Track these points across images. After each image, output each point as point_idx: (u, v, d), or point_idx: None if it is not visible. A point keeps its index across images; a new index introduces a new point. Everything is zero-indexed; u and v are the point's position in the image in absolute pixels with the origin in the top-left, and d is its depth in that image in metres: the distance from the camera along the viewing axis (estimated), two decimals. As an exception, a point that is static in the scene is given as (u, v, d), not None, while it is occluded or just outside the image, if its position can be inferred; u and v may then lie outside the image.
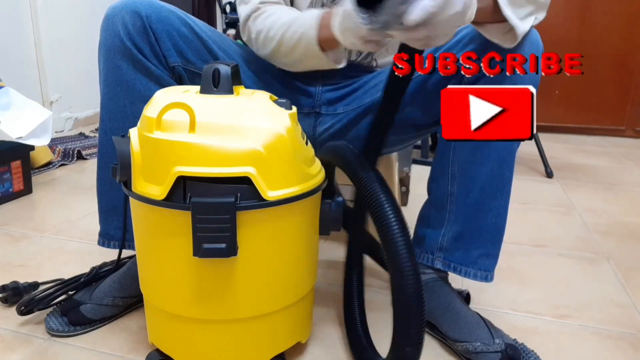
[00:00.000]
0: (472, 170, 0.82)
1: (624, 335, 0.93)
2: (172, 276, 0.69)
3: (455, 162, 0.84)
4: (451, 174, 0.85)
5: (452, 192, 0.86)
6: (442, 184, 0.87)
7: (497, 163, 0.81)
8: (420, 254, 0.91)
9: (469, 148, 0.82)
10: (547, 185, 1.92)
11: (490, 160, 0.81)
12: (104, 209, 0.91)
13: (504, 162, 0.81)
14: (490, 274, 0.87)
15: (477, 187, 0.82)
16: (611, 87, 2.88)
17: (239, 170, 0.62)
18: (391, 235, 0.60)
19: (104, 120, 0.86)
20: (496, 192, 0.83)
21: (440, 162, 0.87)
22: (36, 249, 1.22)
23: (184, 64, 0.86)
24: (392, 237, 0.60)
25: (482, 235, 0.85)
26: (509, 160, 0.82)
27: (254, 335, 0.72)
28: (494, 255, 0.87)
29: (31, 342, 0.85)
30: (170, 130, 0.64)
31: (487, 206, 0.83)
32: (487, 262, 0.86)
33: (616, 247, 1.34)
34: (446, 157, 0.85)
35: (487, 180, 0.82)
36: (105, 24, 0.82)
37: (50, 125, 1.58)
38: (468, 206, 0.84)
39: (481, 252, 0.86)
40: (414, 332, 0.61)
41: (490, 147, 0.80)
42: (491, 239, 0.86)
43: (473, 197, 0.83)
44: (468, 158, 0.83)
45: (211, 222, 0.62)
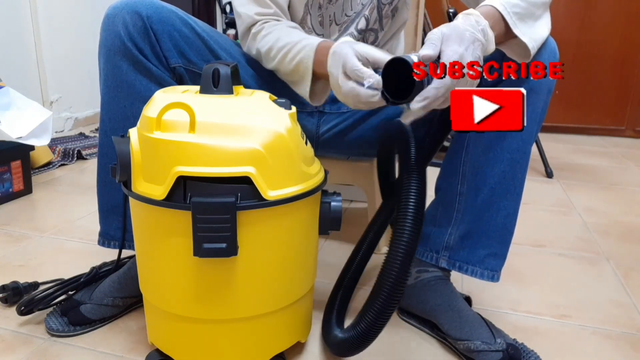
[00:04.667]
0: (484, 170, 0.82)
1: (624, 335, 0.93)
2: (172, 276, 0.69)
3: (467, 161, 0.84)
4: (462, 173, 0.85)
5: (461, 192, 0.86)
6: (452, 182, 0.87)
7: (509, 164, 0.81)
8: (424, 252, 0.91)
9: (482, 148, 0.82)
10: (547, 185, 1.92)
11: (502, 161, 0.81)
12: (104, 209, 0.91)
13: (516, 163, 0.81)
14: (497, 273, 0.87)
15: (487, 187, 0.82)
16: (611, 87, 2.88)
17: (239, 170, 0.62)
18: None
19: (104, 121, 0.86)
20: (507, 192, 0.83)
21: (452, 161, 0.87)
22: (36, 249, 1.22)
23: (185, 64, 0.86)
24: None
25: (490, 235, 0.85)
26: (522, 162, 0.82)
27: (254, 335, 0.72)
28: (502, 255, 0.86)
29: (31, 342, 0.85)
30: (170, 130, 0.64)
31: (496, 206, 0.83)
32: (494, 262, 0.86)
33: (616, 247, 1.34)
34: (458, 156, 0.85)
35: (498, 180, 0.82)
36: (105, 24, 0.81)
37: (50, 125, 1.59)
38: (477, 205, 0.84)
39: (488, 252, 0.86)
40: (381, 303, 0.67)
41: (503, 148, 0.80)
42: (499, 239, 0.85)
43: (483, 197, 0.83)
44: (480, 158, 0.83)
45: (211, 221, 0.62)
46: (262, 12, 0.91)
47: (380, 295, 0.67)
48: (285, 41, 0.85)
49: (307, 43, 0.82)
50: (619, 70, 2.86)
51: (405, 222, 0.67)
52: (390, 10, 0.97)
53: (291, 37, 0.85)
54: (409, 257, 0.67)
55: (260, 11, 0.91)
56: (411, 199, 0.68)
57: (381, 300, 0.67)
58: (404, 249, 0.67)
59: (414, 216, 0.67)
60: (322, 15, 0.96)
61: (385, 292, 0.67)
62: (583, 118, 2.95)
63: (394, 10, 0.98)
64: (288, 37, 0.85)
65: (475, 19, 0.67)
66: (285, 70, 0.86)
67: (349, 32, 0.96)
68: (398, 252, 0.67)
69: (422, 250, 0.91)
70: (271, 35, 0.88)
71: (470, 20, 0.67)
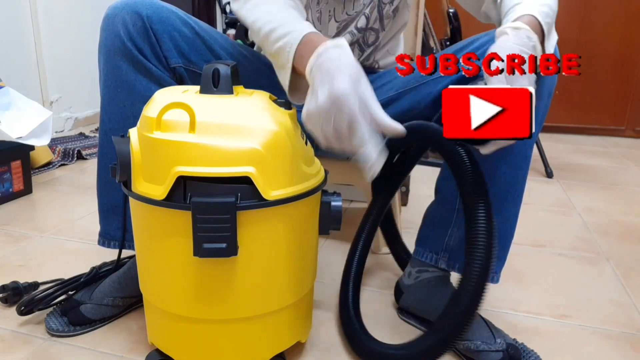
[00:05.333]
0: (486, 172, 0.82)
1: (623, 335, 0.93)
2: (172, 276, 0.69)
3: None
4: None
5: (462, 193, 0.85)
6: (453, 184, 0.86)
7: (511, 168, 0.80)
8: (423, 252, 0.91)
9: None
10: (547, 185, 1.92)
11: (504, 164, 0.80)
12: (104, 209, 0.91)
13: (518, 168, 0.81)
14: (496, 275, 0.86)
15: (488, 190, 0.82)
16: (611, 87, 2.88)
17: (239, 170, 0.62)
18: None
19: (104, 121, 0.86)
20: (507, 196, 0.82)
21: None
22: (36, 249, 1.22)
23: (186, 64, 0.85)
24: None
25: None
26: (524, 166, 0.81)
27: (254, 335, 0.72)
28: (501, 258, 0.86)
29: (31, 342, 0.85)
30: (170, 130, 0.64)
31: (496, 209, 0.82)
32: (494, 264, 0.86)
33: (616, 247, 1.34)
34: None
35: (499, 184, 0.81)
36: (105, 24, 0.81)
37: (50, 125, 1.59)
38: None
39: None
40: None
41: (505, 151, 0.77)
42: (499, 243, 0.84)
43: None
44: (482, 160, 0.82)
45: (212, 221, 0.62)
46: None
47: (449, 325, 0.66)
48: (274, 17, 0.76)
49: (294, 28, 0.72)
50: (619, 70, 2.86)
51: (477, 251, 0.66)
52: (391, 10, 0.97)
53: (281, 13, 0.76)
54: (482, 290, 0.66)
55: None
56: (481, 231, 0.67)
57: (448, 330, 0.66)
58: (476, 283, 0.65)
59: (486, 247, 0.66)
60: (320, 11, 0.95)
61: (453, 323, 0.66)
62: (583, 118, 2.95)
63: (395, 10, 0.98)
64: (279, 12, 0.76)
65: (526, 34, 0.63)
66: (268, 51, 0.77)
67: (348, 31, 0.96)
68: (468, 286, 0.66)
69: (422, 251, 0.91)
70: (263, 5, 0.78)
71: (522, 38, 0.62)
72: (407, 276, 0.95)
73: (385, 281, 1.09)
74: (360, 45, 0.99)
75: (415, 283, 0.92)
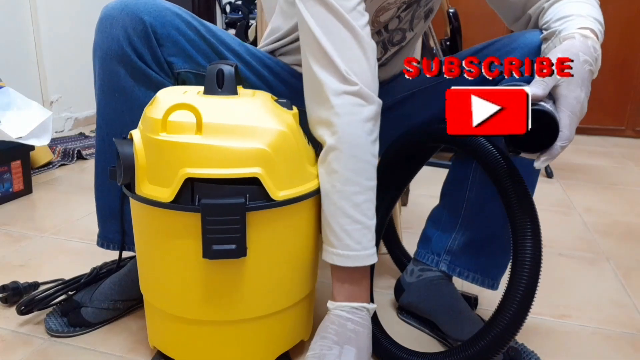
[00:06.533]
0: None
1: (624, 335, 0.93)
2: (179, 279, 0.68)
3: (477, 168, 0.83)
4: (471, 180, 0.84)
5: (469, 198, 0.85)
6: (460, 188, 0.85)
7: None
8: (425, 254, 0.91)
9: None
10: (547, 185, 1.92)
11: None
12: (102, 214, 0.89)
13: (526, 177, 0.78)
14: (496, 282, 0.86)
15: (496, 198, 0.79)
16: (611, 87, 2.88)
17: (247, 171, 0.62)
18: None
19: (100, 126, 0.82)
20: None
21: (462, 166, 0.86)
22: (36, 249, 1.22)
23: (195, 68, 0.81)
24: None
25: (493, 246, 0.85)
26: (534, 175, 0.80)
27: (261, 335, 0.72)
28: (503, 265, 0.86)
29: (31, 342, 0.85)
30: (176, 131, 0.63)
31: (504, 218, 0.81)
32: (495, 271, 0.86)
33: (616, 247, 1.34)
34: (469, 161, 0.84)
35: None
36: (101, 25, 0.76)
37: (50, 125, 1.58)
38: (484, 215, 0.83)
39: (491, 262, 0.86)
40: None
41: (516, 161, 0.75)
42: (502, 251, 0.84)
43: (490, 207, 0.82)
44: None
45: (221, 223, 0.61)
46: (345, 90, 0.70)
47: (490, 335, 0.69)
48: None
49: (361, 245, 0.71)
50: (619, 71, 2.86)
51: (523, 268, 0.68)
52: (423, 12, 0.91)
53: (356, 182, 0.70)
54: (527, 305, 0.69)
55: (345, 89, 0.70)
56: (528, 249, 0.68)
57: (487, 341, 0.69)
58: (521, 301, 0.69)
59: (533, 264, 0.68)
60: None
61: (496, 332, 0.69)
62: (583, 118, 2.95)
63: (428, 11, 0.92)
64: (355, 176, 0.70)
65: (592, 44, 0.64)
66: (345, 204, 0.70)
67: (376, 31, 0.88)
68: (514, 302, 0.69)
69: (424, 252, 0.91)
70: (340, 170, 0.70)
71: (588, 46, 0.63)
72: (408, 274, 0.95)
73: (384, 281, 1.09)
74: (384, 43, 0.92)
75: (417, 281, 0.92)
